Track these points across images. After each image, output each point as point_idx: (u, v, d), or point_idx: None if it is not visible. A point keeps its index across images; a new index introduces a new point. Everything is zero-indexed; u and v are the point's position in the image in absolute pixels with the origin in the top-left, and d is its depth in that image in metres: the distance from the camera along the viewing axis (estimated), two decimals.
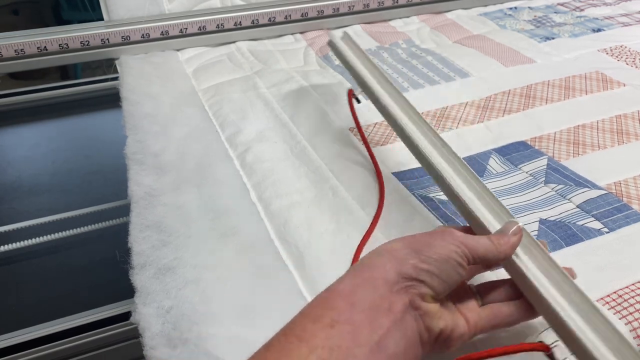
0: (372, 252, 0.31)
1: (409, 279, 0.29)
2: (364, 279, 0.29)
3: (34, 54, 0.76)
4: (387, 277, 0.29)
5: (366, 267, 0.30)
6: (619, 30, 0.85)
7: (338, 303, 0.28)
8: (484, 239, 0.33)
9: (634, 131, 0.59)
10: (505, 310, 0.33)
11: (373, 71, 0.54)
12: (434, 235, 0.32)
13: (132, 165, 0.55)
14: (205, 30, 0.83)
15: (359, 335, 0.27)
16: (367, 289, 0.29)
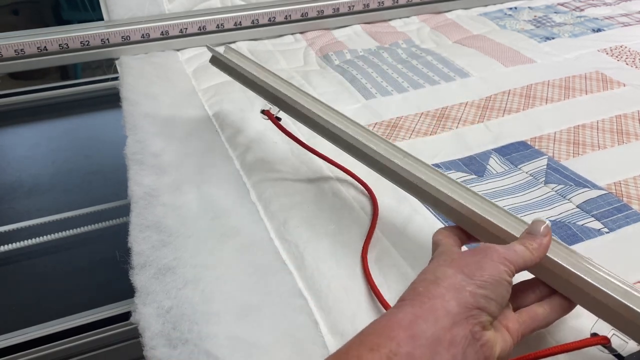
0: (423, 279, 0.30)
1: (470, 308, 0.28)
2: (425, 309, 0.28)
3: (34, 54, 0.76)
4: (449, 308, 0.28)
5: (425, 297, 0.29)
6: (619, 30, 0.85)
7: (398, 333, 0.27)
8: (519, 247, 0.32)
9: (634, 131, 0.59)
10: (541, 312, 0.32)
11: (277, 81, 0.50)
12: (480, 254, 0.31)
13: (132, 165, 0.55)
14: (205, 30, 0.83)
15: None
16: (428, 321, 0.27)
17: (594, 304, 0.32)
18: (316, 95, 0.68)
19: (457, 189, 0.38)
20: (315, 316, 0.38)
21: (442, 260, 0.32)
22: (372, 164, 0.42)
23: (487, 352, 0.29)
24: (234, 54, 0.55)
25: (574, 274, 0.32)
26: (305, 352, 0.36)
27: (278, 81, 0.50)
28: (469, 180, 0.52)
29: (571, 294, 0.32)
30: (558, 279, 0.33)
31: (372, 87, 0.71)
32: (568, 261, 0.33)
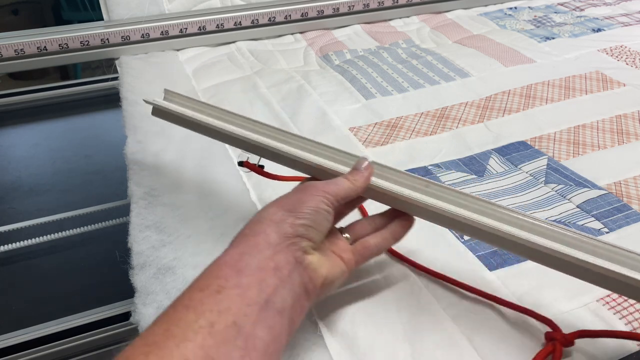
0: (251, 221, 0.33)
1: (290, 237, 0.32)
2: (249, 246, 0.31)
3: (33, 54, 0.76)
4: (270, 240, 0.31)
5: (249, 235, 0.32)
6: (619, 30, 0.85)
7: (225, 271, 0.30)
8: (341, 180, 0.36)
9: (634, 131, 0.59)
10: (373, 241, 0.37)
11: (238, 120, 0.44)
12: (301, 192, 0.34)
13: (132, 165, 0.55)
14: (205, 30, 0.83)
15: (248, 296, 0.29)
16: (252, 255, 0.31)
17: (422, 212, 0.36)
18: (316, 95, 0.68)
19: (296, 140, 0.40)
20: (315, 316, 0.38)
21: (269, 203, 0.35)
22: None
23: (310, 272, 0.32)
24: (178, 98, 0.47)
25: (400, 191, 0.36)
26: (305, 353, 0.36)
27: (242, 122, 0.43)
28: (469, 180, 0.52)
29: (406, 209, 0.37)
30: (388, 198, 0.37)
31: (372, 87, 0.70)
32: (395, 181, 0.37)
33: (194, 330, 0.27)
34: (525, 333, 0.36)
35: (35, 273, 1.09)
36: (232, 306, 0.28)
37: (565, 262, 0.33)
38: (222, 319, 0.27)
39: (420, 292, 0.40)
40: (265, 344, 0.28)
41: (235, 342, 0.27)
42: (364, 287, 0.40)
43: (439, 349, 0.35)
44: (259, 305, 0.29)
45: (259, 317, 0.28)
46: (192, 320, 0.27)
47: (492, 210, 0.35)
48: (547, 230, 0.34)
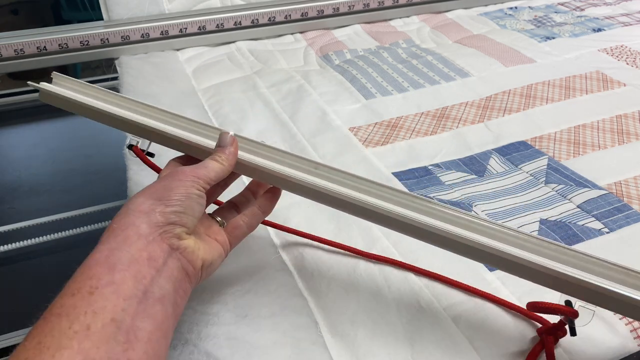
0: (118, 214, 0.32)
1: (161, 225, 0.32)
2: (118, 241, 0.30)
3: (33, 54, 0.76)
4: (140, 231, 0.31)
5: (118, 230, 0.31)
6: (619, 30, 0.85)
7: (96, 270, 0.29)
8: (210, 162, 0.36)
9: (634, 131, 0.59)
10: (242, 220, 0.38)
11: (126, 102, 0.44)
12: (168, 179, 0.34)
13: (132, 165, 0.54)
14: (205, 30, 0.83)
15: (124, 290, 0.28)
16: (123, 249, 0.30)
17: (289, 185, 0.37)
18: (316, 95, 0.68)
19: (166, 116, 0.41)
20: (315, 316, 0.38)
21: (137, 193, 0.34)
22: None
23: (188, 256, 0.32)
24: (65, 81, 0.46)
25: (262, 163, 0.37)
26: (305, 353, 0.35)
27: (130, 105, 0.43)
28: (470, 180, 0.52)
29: (272, 183, 0.38)
30: (258, 173, 0.38)
31: (372, 86, 0.70)
32: (265, 156, 0.38)
33: (68, 336, 0.26)
34: (525, 333, 0.36)
35: (35, 273, 1.09)
36: (107, 304, 0.27)
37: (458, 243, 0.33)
38: (99, 318, 0.27)
39: (420, 292, 0.40)
40: (148, 333, 0.28)
41: (116, 338, 0.27)
42: (363, 288, 0.40)
43: (439, 349, 0.35)
44: (137, 297, 0.28)
45: (138, 308, 0.28)
46: (66, 327, 0.26)
47: (373, 188, 0.36)
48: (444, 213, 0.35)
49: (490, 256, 0.33)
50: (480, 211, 0.48)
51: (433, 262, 0.42)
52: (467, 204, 0.49)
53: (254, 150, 0.38)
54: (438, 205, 0.35)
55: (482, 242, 0.33)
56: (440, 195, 0.50)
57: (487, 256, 0.33)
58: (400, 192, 0.35)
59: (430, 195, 0.50)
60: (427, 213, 0.35)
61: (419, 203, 0.35)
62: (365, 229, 0.46)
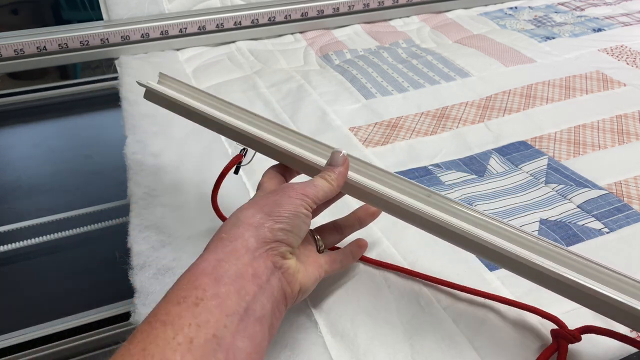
0: (227, 223, 0.32)
1: (269, 242, 0.31)
2: (226, 252, 0.30)
3: (33, 54, 0.76)
4: (248, 245, 0.31)
5: (226, 240, 0.31)
6: (619, 30, 0.85)
7: (202, 281, 0.29)
8: (319, 180, 0.35)
9: (634, 131, 0.59)
10: (337, 258, 0.38)
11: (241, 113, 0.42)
12: (279, 194, 0.34)
13: (132, 165, 0.54)
14: (205, 30, 0.83)
15: (227, 306, 0.28)
16: (230, 262, 0.30)
17: (395, 209, 0.36)
18: (316, 95, 0.68)
19: (273, 127, 0.40)
20: (315, 316, 0.38)
21: (246, 204, 0.34)
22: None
23: (288, 277, 0.32)
24: (172, 82, 0.46)
25: (374, 187, 0.36)
26: (305, 353, 0.35)
27: (236, 112, 0.42)
28: (470, 180, 0.52)
29: (380, 207, 0.37)
30: (366, 195, 0.37)
31: (372, 86, 0.70)
32: (366, 175, 0.37)
33: (172, 348, 0.26)
34: (526, 333, 0.36)
35: (35, 273, 1.09)
36: (210, 318, 0.27)
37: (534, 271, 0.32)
38: (202, 333, 0.26)
39: (420, 292, 0.40)
40: (246, 354, 0.28)
41: (215, 355, 0.26)
42: (363, 287, 0.40)
43: (439, 349, 0.35)
44: (239, 314, 0.28)
45: (239, 327, 0.28)
46: (170, 337, 0.26)
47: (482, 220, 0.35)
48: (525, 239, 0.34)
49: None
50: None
51: (433, 262, 0.42)
52: (467, 204, 0.48)
53: (364, 172, 0.38)
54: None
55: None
56: None
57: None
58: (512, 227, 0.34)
59: None
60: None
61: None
62: (366, 230, 0.45)
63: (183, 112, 0.44)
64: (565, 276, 0.32)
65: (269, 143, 0.39)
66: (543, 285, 0.32)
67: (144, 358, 0.25)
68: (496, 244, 0.33)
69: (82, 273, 1.08)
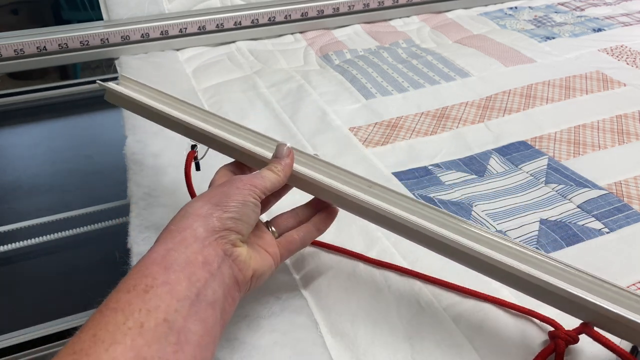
0: (177, 216, 0.33)
1: (218, 231, 0.32)
2: (175, 242, 0.31)
3: (33, 54, 0.76)
4: (197, 234, 0.31)
5: (175, 231, 0.32)
6: (619, 30, 0.85)
7: (152, 269, 0.29)
8: (266, 172, 0.36)
9: (634, 131, 0.59)
10: (297, 235, 0.38)
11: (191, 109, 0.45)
12: (227, 186, 0.34)
13: (132, 165, 0.54)
14: (205, 30, 0.82)
15: (178, 291, 0.29)
16: (179, 250, 0.30)
17: (344, 203, 0.37)
18: (316, 95, 0.68)
19: (224, 124, 0.42)
20: (315, 316, 0.38)
21: (195, 197, 0.35)
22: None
23: (240, 265, 0.32)
24: (132, 84, 0.47)
25: (318, 178, 0.38)
26: (305, 353, 0.35)
27: (192, 111, 0.45)
28: (470, 180, 0.52)
29: (325, 198, 0.38)
30: (312, 187, 0.38)
31: (372, 86, 0.70)
32: (312, 167, 0.39)
33: (122, 332, 0.26)
34: (525, 333, 0.36)
35: (35, 273, 1.09)
36: (161, 304, 0.28)
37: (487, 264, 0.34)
38: (152, 317, 0.27)
39: (420, 292, 0.40)
40: (198, 337, 0.28)
41: (167, 338, 0.27)
42: (363, 287, 0.40)
43: (439, 349, 0.35)
44: (190, 299, 0.29)
45: (190, 311, 0.28)
46: (121, 322, 0.27)
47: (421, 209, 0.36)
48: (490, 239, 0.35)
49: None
50: (480, 211, 0.48)
51: (433, 262, 0.42)
52: (467, 204, 0.49)
53: (309, 164, 0.39)
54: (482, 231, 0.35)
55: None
56: (440, 195, 0.50)
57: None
58: (453, 217, 0.36)
59: (430, 195, 0.50)
60: (476, 239, 0.35)
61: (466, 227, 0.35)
62: (365, 230, 0.46)
63: (143, 112, 0.45)
64: (498, 260, 0.34)
65: (219, 138, 0.41)
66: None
67: (94, 344, 0.26)
68: (426, 228, 0.35)
69: (82, 273, 1.07)
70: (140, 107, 0.45)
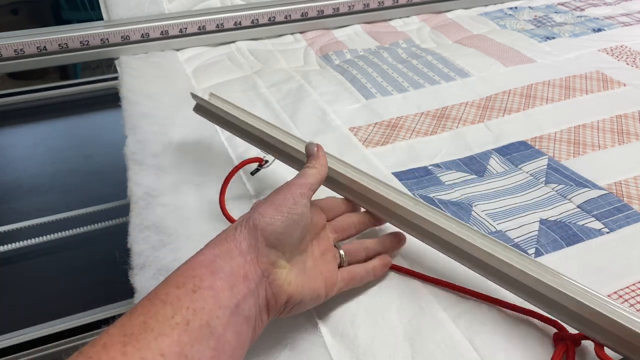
0: (233, 224, 0.34)
1: (260, 247, 0.32)
2: (222, 250, 0.31)
3: (33, 54, 0.76)
4: (241, 248, 0.32)
5: (224, 239, 0.32)
6: (619, 30, 0.85)
7: (199, 271, 0.30)
8: (306, 170, 0.37)
9: (634, 131, 0.59)
10: (360, 271, 0.38)
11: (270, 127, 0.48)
12: (278, 191, 0.35)
13: (132, 165, 0.54)
14: (205, 30, 0.82)
15: (221, 299, 0.29)
16: (225, 259, 0.31)
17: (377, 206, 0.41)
18: (316, 95, 0.68)
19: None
20: (315, 316, 0.38)
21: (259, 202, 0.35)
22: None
23: (275, 289, 0.32)
24: (218, 100, 0.52)
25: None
26: (305, 353, 0.35)
27: (269, 128, 0.48)
28: (470, 180, 0.52)
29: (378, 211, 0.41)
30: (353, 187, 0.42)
31: (372, 86, 0.70)
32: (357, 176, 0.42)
33: (170, 325, 0.27)
34: (526, 334, 0.36)
35: (35, 273, 1.09)
36: (205, 306, 0.28)
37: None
38: (197, 317, 0.28)
39: (420, 292, 0.40)
40: (233, 348, 0.29)
41: (207, 342, 0.27)
42: (364, 287, 0.40)
43: (439, 349, 0.35)
44: (230, 309, 0.29)
45: (230, 321, 0.29)
46: (169, 315, 0.27)
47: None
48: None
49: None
50: (480, 211, 0.48)
51: (434, 262, 0.42)
52: (467, 204, 0.49)
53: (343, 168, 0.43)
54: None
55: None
56: (440, 195, 0.50)
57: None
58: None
59: (430, 195, 0.50)
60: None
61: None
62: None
63: (227, 126, 0.50)
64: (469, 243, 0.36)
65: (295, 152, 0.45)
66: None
67: (144, 331, 0.26)
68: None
69: (82, 273, 1.08)
70: (226, 121, 0.50)
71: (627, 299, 0.38)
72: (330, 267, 0.37)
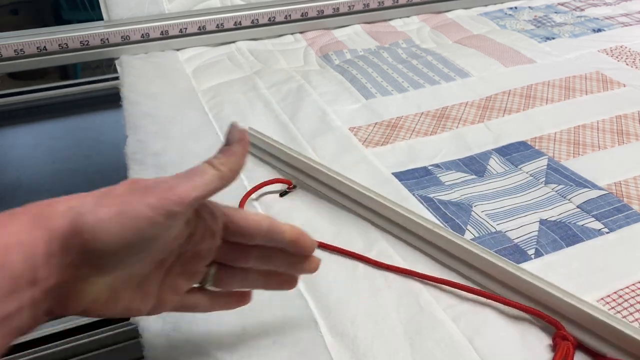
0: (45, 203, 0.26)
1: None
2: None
3: (33, 54, 0.76)
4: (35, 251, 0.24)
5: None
6: (619, 31, 0.85)
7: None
8: (208, 171, 0.25)
9: (634, 131, 0.59)
10: (203, 302, 0.30)
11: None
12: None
13: (132, 165, 0.54)
14: (205, 30, 0.83)
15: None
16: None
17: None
18: (316, 95, 0.68)
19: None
20: (315, 316, 0.38)
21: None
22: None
23: (70, 302, 0.24)
24: (258, 133, 0.55)
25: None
26: (305, 353, 0.35)
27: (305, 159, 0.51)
28: (469, 180, 0.52)
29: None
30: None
31: (372, 86, 0.70)
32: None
33: None
34: (526, 333, 0.36)
35: None
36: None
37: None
38: None
39: (420, 292, 0.40)
40: None
41: None
42: (363, 287, 0.40)
43: (439, 348, 0.35)
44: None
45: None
46: None
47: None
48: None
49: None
50: (480, 211, 0.48)
51: (433, 263, 0.42)
52: (467, 204, 0.49)
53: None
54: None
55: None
56: (440, 195, 0.50)
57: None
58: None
59: (430, 195, 0.50)
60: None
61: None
62: (365, 231, 0.46)
63: (267, 157, 0.54)
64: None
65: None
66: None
67: None
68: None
69: None
70: (266, 153, 0.54)
71: (627, 299, 0.38)
72: (177, 286, 0.27)
